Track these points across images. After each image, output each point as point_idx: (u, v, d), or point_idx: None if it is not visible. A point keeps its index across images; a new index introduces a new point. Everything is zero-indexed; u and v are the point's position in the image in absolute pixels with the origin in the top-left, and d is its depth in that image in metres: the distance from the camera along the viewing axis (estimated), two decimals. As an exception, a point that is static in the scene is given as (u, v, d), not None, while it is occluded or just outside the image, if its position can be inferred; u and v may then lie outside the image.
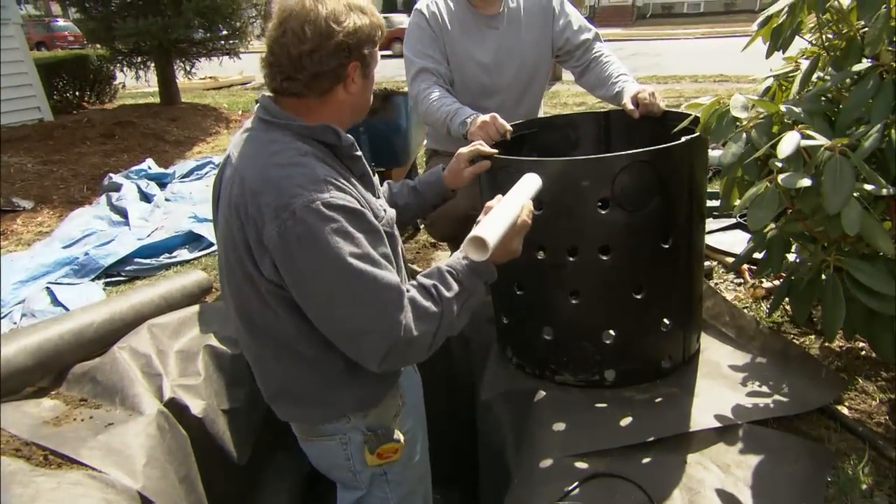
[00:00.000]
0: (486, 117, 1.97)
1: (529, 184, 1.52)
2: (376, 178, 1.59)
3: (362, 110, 1.43)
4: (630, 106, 2.02)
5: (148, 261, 3.12)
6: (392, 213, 1.46)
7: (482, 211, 1.42)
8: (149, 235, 3.46)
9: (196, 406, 1.87)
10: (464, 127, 2.06)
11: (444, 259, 1.42)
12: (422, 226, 3.80)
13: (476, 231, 1.29)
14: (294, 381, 1.41)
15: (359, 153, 1.42)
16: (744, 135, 1.37)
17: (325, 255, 1.22)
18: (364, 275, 1.24)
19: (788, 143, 1.19)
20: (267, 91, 1.38)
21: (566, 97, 7.72)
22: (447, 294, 1.34)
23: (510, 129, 1.94)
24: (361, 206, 1.30)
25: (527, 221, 1.42)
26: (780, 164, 1.22)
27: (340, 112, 1.39)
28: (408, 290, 1.33)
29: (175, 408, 1.83)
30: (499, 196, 1.46)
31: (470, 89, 2.37)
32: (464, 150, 1.74)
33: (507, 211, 1.38)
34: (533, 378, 1.90)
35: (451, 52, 2.32)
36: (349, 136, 1.39)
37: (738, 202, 1.36)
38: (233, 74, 13.50)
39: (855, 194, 1.18)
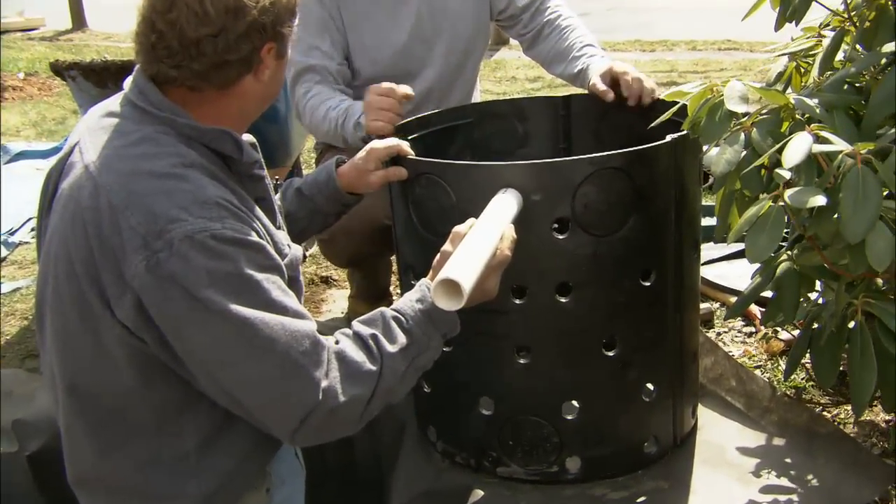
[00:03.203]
0: (379, 91, 2.07)
1: (507, 204, 1.61)
2: (277, 198, 1.66)
3: (270, 99, 1.51)
4: (601, 86, 2.15)
5: None
6: (298, 251, 1.54)
7: (448, 239, 1.51)
8: None
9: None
10: (360, 129, 2.16)
11: (376, 308, 1.50)
12: (309, 251, 3.84)
13: (447, 272, 1.35)
14: (115, 461, 1.43)
15: (263, 173, 1.50)
16: (742, 135, 1.49)
17: (213, 304, 1.27)
18: (267, 325, 1.30)
19: (797, 147, 1.32)
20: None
21: (515, 69, 7.92)
22: (390, 348, 1.41)
23: (410, 92, 2.07)
24: (261, 238, 1.37)
25: (507, 255, 1.51)
26: (787, 176, 1.34)
27: (245, 106, 1.46)
28: (336, 342, 1.40)
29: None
30: (471, 220, 1.54)
31: (382, 80, 2.48)
32: (379, 145, 1.82)
33: (484, 242, 1.46)
34: (466, 471, 1.96)
35: (352, 33, 2.45)
36: (252, 148, 1.47)
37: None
38: (9, 14, 12.05)
39: (885, 215, 1.31)
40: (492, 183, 1.69)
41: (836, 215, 1.33)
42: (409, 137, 2.10)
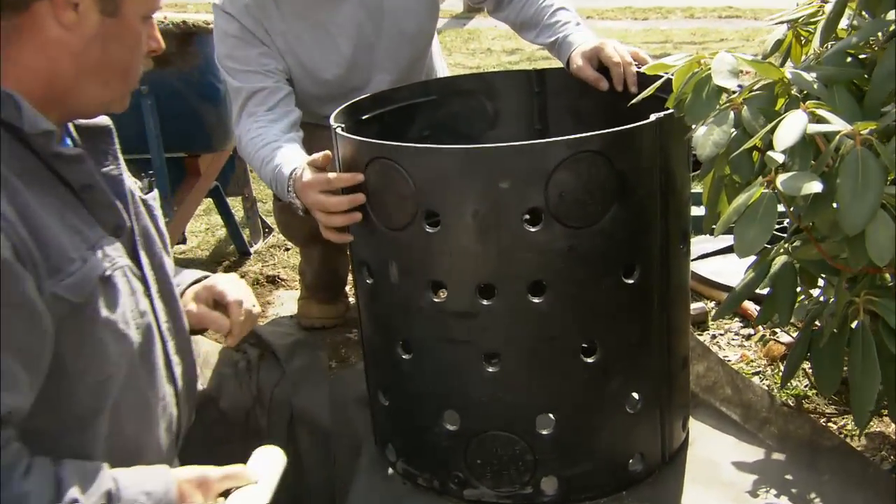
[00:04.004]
0: (304, 173, 2.03)
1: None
2: (134, 186, 1.62)
3: (113, 76, 1.45)
4: (590, 73, 2.20)
5: None
6: (96, 268, 1.42)
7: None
8: None
9: None
10: (291, 191, 2.12)
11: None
12: (254, 246, 3.84)
13: None
14: None
15: (75, 152, 1.43)
16: (731, 114, 1.51)
17: None
18: None
19: (791, 127, 1.34)
20: None
21: (491, 39, 7.95)
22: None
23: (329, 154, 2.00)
24: (17, 252, 1.27)
25: None
26: (780, 160, 1.36)
27: (56, 65, 1.38)
28: (21, 457, 1.30)
29: None
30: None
31: (320, 93, 2.55)
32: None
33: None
34: (430, 494, 1.98)
35: (289, 57, 2.51)
36: (46, 121, 1.36)
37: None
38: None
39: (887, 203, 1.34)
40: (456, 168, 1.71)
41: (834, 203, 1.35)
42: (363, 117, 2.11)
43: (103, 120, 1.57)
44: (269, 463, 1.61)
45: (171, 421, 1.64)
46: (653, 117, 1.74)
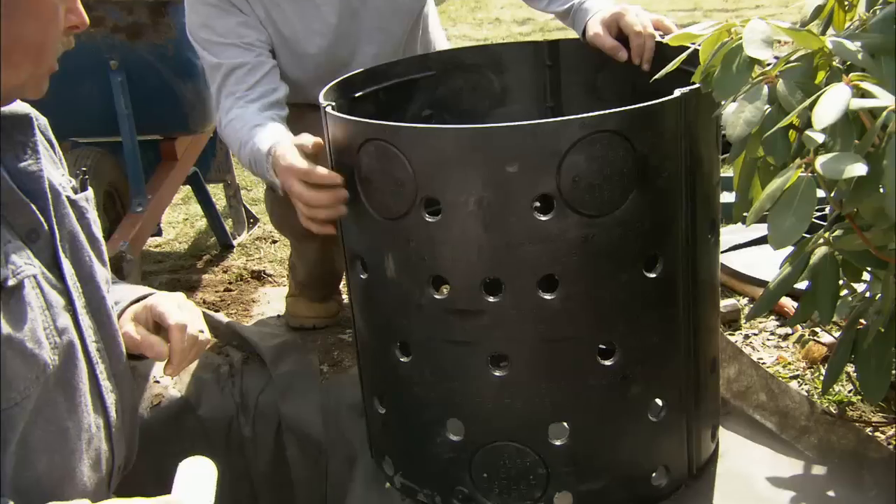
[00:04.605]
0: (286, 152, 1.99)
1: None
2: (65, 183, 1.59)
3: (23, 57, 1.41)
4: (607, 40, 2.17)
5: None
6: (14, 272, 1.40)
7: None
8: None
9: None
10: (270, 170, 2.12)
11: None
12: (237, 239, 3.83)
13: None
14: None
15: None
16: (765, 88, 1.49)
17: None
18: None
19: (831, 103, 1.32)
20: None
21: (499, 8, 7.94)
22: None
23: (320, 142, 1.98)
24: None
25: None
26: (819, 139, 1.35)
27: None
28: None
29: None
30: None
31: (300, 74, 2.54)
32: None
33: None
34: (430, 512, 1.98)
35: (269, 27, 2.51)
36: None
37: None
38: None
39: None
40: (459, 150, 1.70)
41: (880, 188, 1.34)
42: (356, 95, 2.10)
43: (21, 108, 1.54)
44: (198, 481, 1.55)
45: (98, 457, 1.59)
46: (677, 93, 1.72)
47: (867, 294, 1.84)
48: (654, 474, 1.94)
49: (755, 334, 2.65)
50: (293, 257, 2.94)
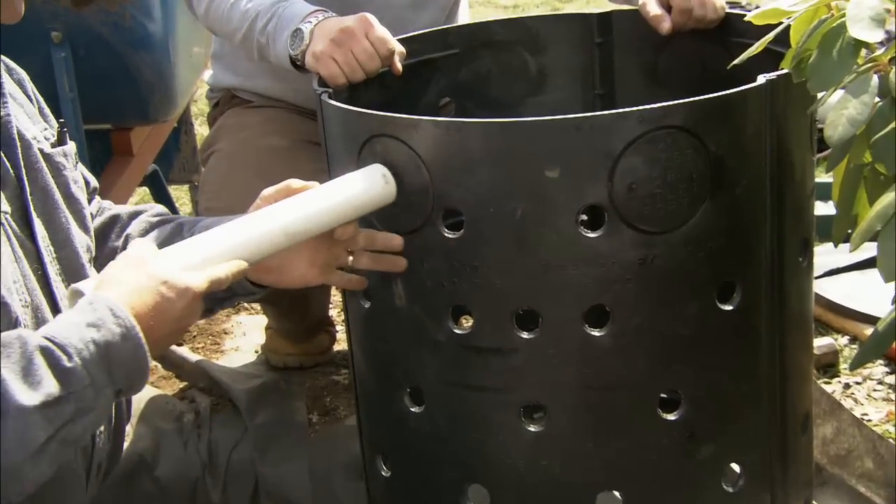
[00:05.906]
0: (350, 23, 2.04)
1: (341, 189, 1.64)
2: (38, 135, 1.63)
3: None
4: (653, 8, 2.16)
5: None
6: None
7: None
8: None
9: None
10: (297, 43, 2.13)
11: None
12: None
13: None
14: None
15: None
16: (874, 78, 1.48)
17: None
18: None
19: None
20: None
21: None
22: (22, 400, 1.30)
23: (402, 50, 2.04)
24: None
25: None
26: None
27: None
28: None
29: None
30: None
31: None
32: (269, 191, 1.82)
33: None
34: None
35: None
36: None
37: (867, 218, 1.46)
38: None
39: None
40: (485, 150, 1.69)
41: None
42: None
43: None
44: None
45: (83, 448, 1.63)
46: (761, 79, 1.72)
47: None
48: (727, 558, 1.92)
49: (858, 383, 2.63)
50: None
